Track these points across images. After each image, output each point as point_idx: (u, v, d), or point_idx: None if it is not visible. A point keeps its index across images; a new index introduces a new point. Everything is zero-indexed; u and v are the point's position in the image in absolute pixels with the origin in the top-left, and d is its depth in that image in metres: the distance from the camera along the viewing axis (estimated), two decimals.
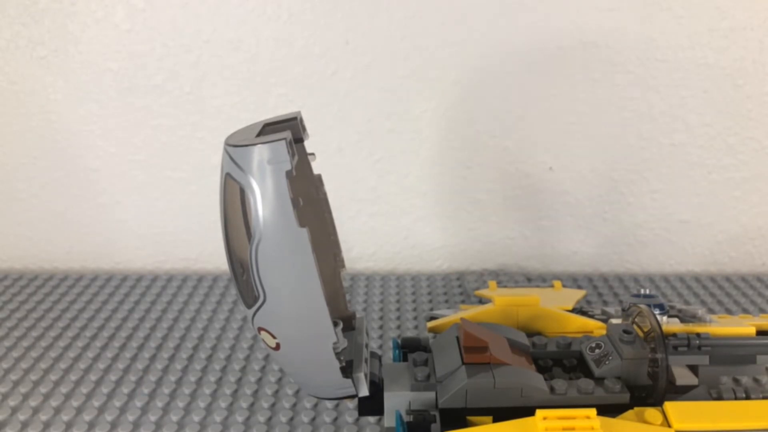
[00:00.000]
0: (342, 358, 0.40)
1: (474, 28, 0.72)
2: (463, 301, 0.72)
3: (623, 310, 0.48)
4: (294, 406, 0.55)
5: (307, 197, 0.44)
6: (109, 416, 0.54)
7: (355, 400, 0.44)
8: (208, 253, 0.81)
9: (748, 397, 0.42)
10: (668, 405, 0.39)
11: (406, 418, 0.41)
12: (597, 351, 0.44)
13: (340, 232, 0.47)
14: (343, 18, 0.72)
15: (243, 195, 0.36)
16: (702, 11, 0.71)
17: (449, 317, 0.53)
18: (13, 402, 0.55)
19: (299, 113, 0.42)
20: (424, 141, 0.76)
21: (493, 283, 0.60)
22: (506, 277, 0.78)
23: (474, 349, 0.42)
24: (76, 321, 0.69)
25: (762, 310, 0.71)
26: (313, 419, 0.53)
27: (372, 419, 0.52)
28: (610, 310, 0.55)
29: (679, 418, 0.38)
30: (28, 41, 0.74)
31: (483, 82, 0.74)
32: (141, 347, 0.63)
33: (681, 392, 0.44)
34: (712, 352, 0.45)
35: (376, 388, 0.43)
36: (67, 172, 0.78)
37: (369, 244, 0.80)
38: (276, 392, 0.56)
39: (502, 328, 0.47)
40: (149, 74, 0.74)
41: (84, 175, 0.78)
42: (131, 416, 0.54)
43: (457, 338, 0.44)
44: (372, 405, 0.43)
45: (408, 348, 0.49)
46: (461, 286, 0.76)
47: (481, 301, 0.63)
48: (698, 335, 0.45)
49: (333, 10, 0.71)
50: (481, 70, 0.73)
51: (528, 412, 0.39)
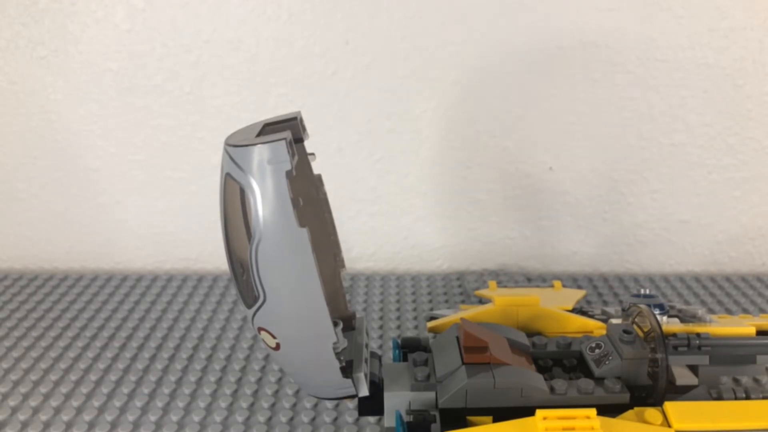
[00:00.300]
0: (342, 358, 0.40)
1: (474, 28, 0.72)
2: (463, 301, 0.72)
3: (623, 310, 0.48)
4: (294, 406, 0.55)
5: (307, 197, 0.44)
6: (109, 416, 0.54)
7: (355, 400, 0.44)
8: (208, 253, 0.81)
9: (748, 397, 0.42)
10: (668, 405, 0.39)
11: (406, 418, 0.41)
12: (597, 351, 0.44)
13: (340, 232, 0.47)
14: (343, 18, 0.72)
15: (243, 195, 0.36)
16: (702, 11, 0.71)
17: (449, 317, 0.53)
18: (13, 402, 0.55)
19: (299, 113, 0.42)
20: (424, 141, 0.76)
21: (493, 283, 0.60)
22: (506, 277, 0.78)
23: (474, 349, 0.42)
24: (76, 321, 0.69)
25: (762, 310, 0.71)
26: (313, 419, 0.53)
27: (372, 419, 0.52)
28: (610, 310, 0.55)
29: (679, 418, 0.38)
30: (28, 41, 0.74)
31: (483, 82, 0.74)
32: (141, 347, 0.64)
33: (681, 392, 0.44)
34: (712, 352, 0.45)
35: (376, 388, 0.43)
36: (67, 172, 0.78)
37: (369, 244, 0.80)
38: (276, 392, 0.56)
39: (502, 328, 0.47)
40: (149, 74, 0.74)
41: (84, 175, 0.78)
42: (131, 416, 0.54)
43: (457, 338, 0.44)
44: (372, 405, 0.43)
45: (408, 348, 0.49)
46: (461, 286, 0.76)
47: (481, 301, 0.63)
48: (698, 335, 0.45)
49: (333, 10, 0.71)
50: (481, 70, 0.73)
51: (528, 412, 0.39)
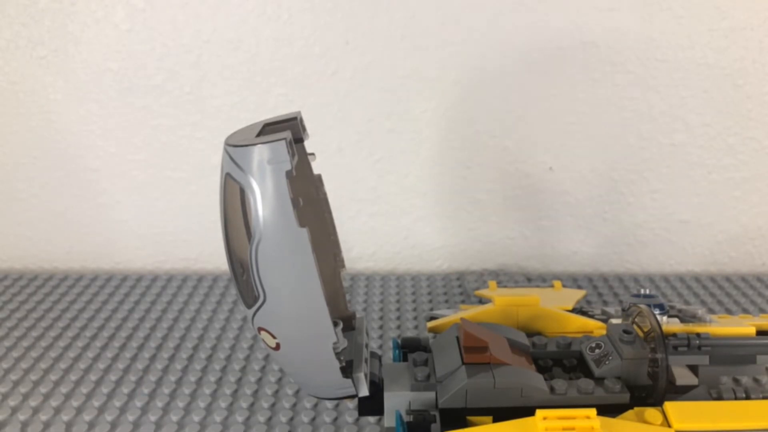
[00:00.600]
0: (342, 358, 0.40)
1: (474, 28, 0.72)
2: (463, 301, 0.72)
3: (623, 310, 0.48)
4: (294, 406, 0.55)
5: (307, 197, 0.44)
6: (109, 416, 0.54)
7: (355, 400, 0.44)
8: (208, 253, 0.81)
9: (748, 397, 0.42)
10: (668, 405, 0.39)
11: (406, 418, 0.41)
12: (597, 351, 0.44)
13: (340, 232, 0.47)
14: (343, 18, 0.72)
15: (243, 195, 0.36)
16: (702, 11, 0.71)
17: (449, 317, 0.53)
18: (13, 402, 0.55)
19: (299, 113, 0.42)
20: (424, 141, 0.76)
21: (493, 283, 0.60)
22: (506, 277, 0.77)
23: (474, 349, 0.42)
24: (76, 321, 0.69)
25: (762, 310, 0.71)
26: (313, 419, 0.53)
27: (372, 419, 0.52)
28: (610, 310, 0.55)
29: (679, 418, 0.38)
30: (28, 41, 0.74)
31: (483, 82, 0.74)
32: (141, 347, 0.63)
33: (681, 392, 0.44)
34: (712, 352, 0.45)
35: (376, 388, 0.43)
36: (67, 172, 0.78)
37: (369, 244, 0.80)
38: (276, 392, 0.56)
39: (502, 328, 0.47)
40: (149, 74, 0.74)
41: (84, 175, 0.78)
42: (131, 416, 0.54)
43: (457, 338, 0.44)
44: (372, 405, 0.43)
45: (408, 348, 0.49)
46: (461, 286, 0.76)
47: (481, 301, 0.63)
48: (698, 335, 0.45)
49: (333, 10, 0.71)
50: (481, 70, 0.73)
51: (528, 412, 0.39)
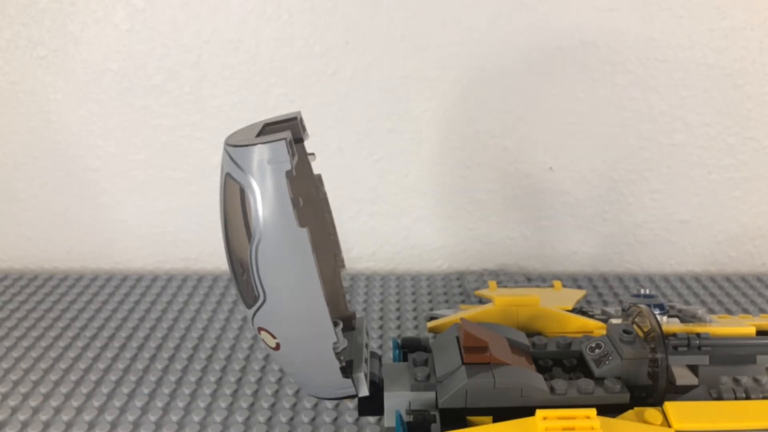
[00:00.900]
0: (342, 358, 0.40)
1: (474, 28, 0.72)
2: (463, 301, 0.72)
3: (623, 310, 0.48)
4: (294, 406, 0.55)
5: (307, 197, 0.44)
6: (109, 416, 0.54)
7: (355, 400, 0.44)
8: (208, 253, 0.81)
9: (748, 397, 0.42)
10: (668, 405, 0.39)
11: (406, 418, 0.41)
12: (597, 351, 0.44)
13: (340, 232, 0.47)
14: (343, 18, 0.72)
15: (243, 195, 0.36)
16: (702, 11, 0.71)
17: (449, 317, 0.53)
18: (13, 402, 0.55)
19: (299, 113, 0.42)
20: (424, 141, 0.76)
21: (493, 283, 0.60)
22: (506, 277, 0.77)
23: (474, 349, 0.42)
24: (76, 321, 0.69)
25: (762, 310, 0.71)
26: (313, 419, 0.53)
27: (372, 419, 0.52)
28: (610, 310, 0.55)
29: (679, 418, 0.38)
30: (28, 41, 0.74)
31: (483, 82, 0.74)
32: (141, 347, 0.63)
33: (681, 392, 0.44)
34: (712, 352, 0.45)
35: (376, 388, 0.43)
36: (67, 172, 0.78)
37: (369, 244, 0.80)
38: (276, 392, 0.56)
39: (502, 328, 0.47)
40: (149, 74, 0.74)
41: (84, 175, 0.78)
42: (131, 416, 0.54)
43: (457, 338, 0.44)
44: (372, 405, 0.43)
45: (408, 348, 0.49)
46: (461, 286, 0.76)
47: (481, 301, 0.63)
48: (698, 335, 0.45)
49: (333, 10, 0.71)
50: (481, 70, 0.73)
51: (528, 412, 0.39)
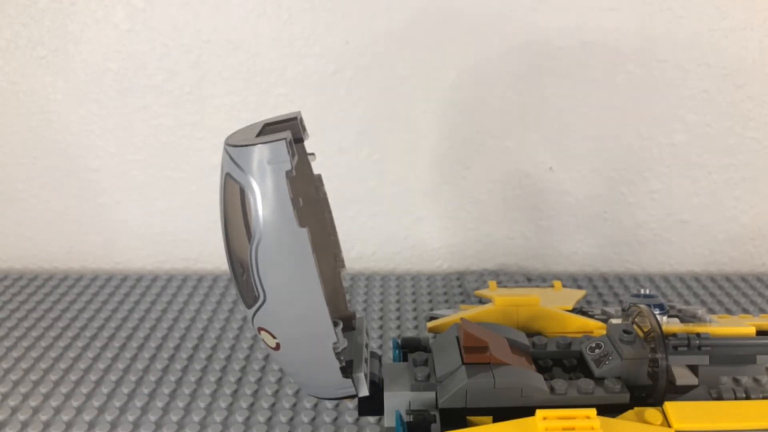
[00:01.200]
0: (342, 358, 0.40)
1: (474, 27, 0.72)
2: (463, 301, 0.72)
3: (623, 310, 0.47)
4: (294, 406, 0.55)
5: (307, 197, 0.44)
6: (109, 416, 0.54)
7: (355, 400, 0.44)
8: (208, 253, 0.81)
9: (748, 397, 0.42)
10: (668, 405, 0.39)
11: (406, 418, 0.41)
12: (597, 351, 0.44)
13: (340, 232, 0.47)
14: (343, 18, 0.72)
15: (243, 195, 0.36)
16: (702, 11, 0.71)
17: (449, 317, 0.53)
18: (13, 402, 0.55)
19: (299, 113, 0.42)
20: (424, 141, 0.76)
21: (493, 283, 0.60)
22: (506, 277, 0.77)
23: (474, 349, 0.42)
24: (76, 321, 0.69)
25: (762, 310, 0.71)
26: (313, 419, 0.53)
27: (372, 419, 0.52)
28: (610, 310, 0.55)
29: (679, 418, 0.38)
30: (28, 41, 0.74)
31: (483, 82, 0.74)
32: (141, 347, 0.63)
33: (681, 392, 0.44)
34: (712, 352, 0.45)
35: (376, 388, 0.43)
36: (67, 172, 0.78)
37: (369, 244, 0.80)
38: (276, 392, 0.56)
39: (502, 328, 0.47)
40: (149, 74, 0.74)
41: (84, 175, 0.78)
42: (131, 416, 0.54)
43: (457, 338, 0.44)
44: (372, 405, 0.43)
45: (408, 348, 0.49)
46: (461, 286, 0.76)
47: (481, 301, 0.63)
48: (698, 335, 0.45)
49: (333, 10, 0.71)
50: (481, 70, 0.73)
51: (528, 412, 0.38)
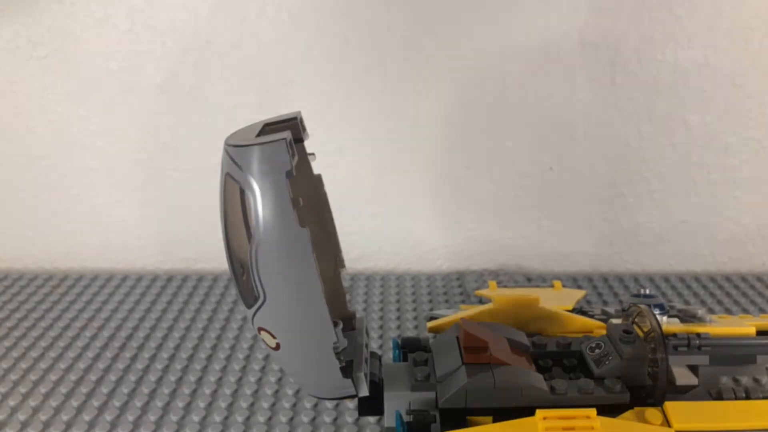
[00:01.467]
0: (342, 358, 0.39)
1: (474, 28, 0.72)
2: (463, 301, 0.72)
3: (623, 310, 0.47)
4: (294, 406, 0.55)
5: (307, 197, 0.44)
6: (109, 416, 0.54)
7: (355, 400, 0.44)
8: (208, 253, 0.81)
9: (748, 397, 0.42)
10: (668, 405, 0.39)
11: (406, 418, 0.41)
12: (597, 351, 0.44)
13: (340, 232, 0.47)
14: (343, 18, 0.72)
15: (243, 195, 0.36)
16: (702, 11, 0.71)
17: (449, 317, 0.53)
18: (13, 402, 0.55)
19: (299, 113, 0.42)
20: (423, 141, 0.76)
21: (493, 283, 0.60)
22: (506, 277, 0.77)
23: (474, 349, 0.42)
24: (76, 321, 0.69)
25: (762, 310, 0.71)
26: (313, 419, 0.53)
27: (372, 419, 0.52)
28: (610, 310, 0.54)
29: (679, 418, 0.38)
30: (28, 41, 0.73)
31: (483, 82, 0.74)
32: (141, 347, 0.63)
33: (681, 392, 0.44)
34: (712, 352, 0.45)
35: (376, 388, 0.43)
36: (67, 172, 0.78)
37: (369, 244, 0.80)
38: (276, 392, 0.56)
39: (502, 328, 0.47)
40: (149, 74, 0.74)
41: (84, 175, 0.78)
42: (131, 416, 0.54)
43: (457, 338, 0.44)
44: (372, 405, 0.43)
45: (408, 348, 0.48)
46: (461, 286, 0.76)
47: (481, 301, 0.63)
48: (698, 335, 0.45)
49: (333, 10, 0.71)
50: (481, 69, 0.73)
51: (528, 412, 0.38)
